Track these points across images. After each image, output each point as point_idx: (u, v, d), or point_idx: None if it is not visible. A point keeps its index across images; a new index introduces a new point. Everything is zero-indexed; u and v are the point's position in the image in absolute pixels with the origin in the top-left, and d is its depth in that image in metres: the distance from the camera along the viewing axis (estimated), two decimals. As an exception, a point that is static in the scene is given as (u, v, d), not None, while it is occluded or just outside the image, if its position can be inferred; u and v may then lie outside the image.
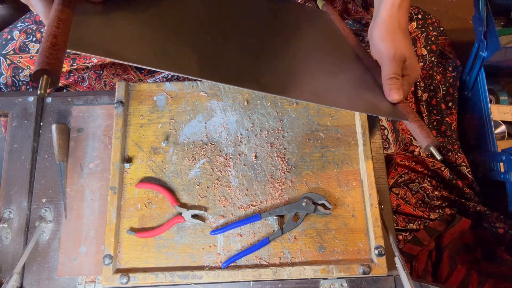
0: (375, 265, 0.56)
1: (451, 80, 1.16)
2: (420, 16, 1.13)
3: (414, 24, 1.12)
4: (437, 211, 1.02)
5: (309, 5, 0.85)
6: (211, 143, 0.63)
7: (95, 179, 0.64)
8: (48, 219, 0.63)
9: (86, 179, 0.64)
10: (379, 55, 0.57)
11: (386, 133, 0.91)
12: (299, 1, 0.86)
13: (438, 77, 1.14)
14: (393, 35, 0.55)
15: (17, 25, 0.81)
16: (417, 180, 1.06)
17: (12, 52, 0.78)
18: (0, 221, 0.62)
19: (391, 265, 0.56)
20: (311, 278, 0.57)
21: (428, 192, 1.05)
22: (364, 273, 0.55)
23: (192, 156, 0.62)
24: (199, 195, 0.60)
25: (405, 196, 1.04)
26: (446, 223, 0.99)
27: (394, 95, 0.53)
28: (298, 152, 0.62)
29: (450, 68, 1.16)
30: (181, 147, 0.63)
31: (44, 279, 0.60)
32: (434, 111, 1.12)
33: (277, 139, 0.63)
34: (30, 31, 0.79)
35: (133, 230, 0.59)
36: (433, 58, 1.13)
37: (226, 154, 0.62)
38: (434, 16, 1.25)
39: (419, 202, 1.04)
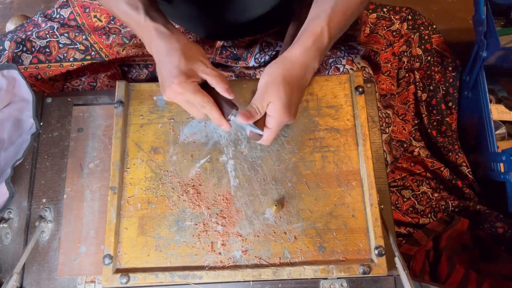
0: (375, 265, 0.56)
1: (451, 80, 1.16)
2: (410, 17, 1.13)
3: (405, 25, 1.12)
4: (428, 215, 1.03)
5: None
6: (211, 143, 0.63)
7: (95, 179, 0.64)
8: (48, 219, 0.63)
9: (86, 179, 0.64)
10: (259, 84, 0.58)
11: (385, 156, 0.91)
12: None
13: (437, 77, 1.15)
14: (279, 80, 0.56)
15: (7, 35, 0.80)
16: (410, 187, 1.06)
17: (6, 63, 0.78)
18: (0, 221, 0.62)
19: (391, 265, 0.56)
20: (311, 278, 0.57)
21: (428, 194, 1.05)
22: (364, 273, 0.55)
23: (192, 156, 0.62)
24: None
25: (396, 202, 1.04)
26: (445, 224, 0.99)
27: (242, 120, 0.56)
28: (298, 152, 0.62)
29: (450, 68, 1.17)
30: (181, 147, 0.63)
31: (44, 279, 0.60)
32: (434, 111, 1.12)
33: (277, 139, 0.63)
34: (20, 40, 0.78)
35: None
36: (429, 58, 1.13)
37: (226, 154, 0.62)
38: (433, 16, 1.26)
39: (410, 209, 1.04)
